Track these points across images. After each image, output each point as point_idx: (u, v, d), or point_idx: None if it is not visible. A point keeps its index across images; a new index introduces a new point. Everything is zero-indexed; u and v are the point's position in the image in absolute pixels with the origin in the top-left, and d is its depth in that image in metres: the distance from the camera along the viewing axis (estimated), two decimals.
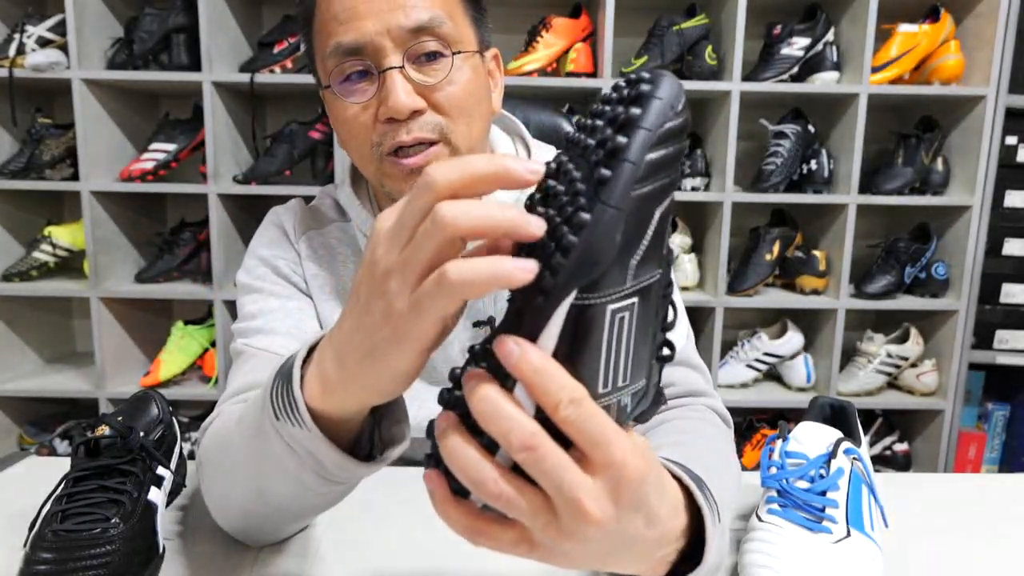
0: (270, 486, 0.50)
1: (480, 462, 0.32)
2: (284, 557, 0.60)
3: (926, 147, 1.86)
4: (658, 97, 0.32)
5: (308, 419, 0.43)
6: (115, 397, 1.82)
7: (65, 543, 0.52)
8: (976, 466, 2.06)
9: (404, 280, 0.33)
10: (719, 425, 0.69)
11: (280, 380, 0.45)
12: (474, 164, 0.32)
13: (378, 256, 0.35)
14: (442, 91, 0.65)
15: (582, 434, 0.32)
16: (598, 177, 0.31)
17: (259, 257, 0.77)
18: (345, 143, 0.70)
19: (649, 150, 0.31)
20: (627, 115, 0.31)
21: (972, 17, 1.84)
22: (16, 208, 1.91)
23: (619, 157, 0.31)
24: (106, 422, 0.60)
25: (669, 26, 1.80)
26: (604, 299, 0.32)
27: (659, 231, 0.33)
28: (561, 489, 0.32)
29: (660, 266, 0.34)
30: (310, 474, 0.46)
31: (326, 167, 1.84)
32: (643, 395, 0.36)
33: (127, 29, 1.77)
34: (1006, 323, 1.94)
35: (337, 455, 0.44)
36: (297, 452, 0.45)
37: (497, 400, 0.31)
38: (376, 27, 0.62)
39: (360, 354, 0.37)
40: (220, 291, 1.79)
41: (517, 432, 0.31)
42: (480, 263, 0.30)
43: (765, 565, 0.53)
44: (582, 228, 0.30)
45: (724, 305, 1.85)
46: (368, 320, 0.36)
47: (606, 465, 0.32)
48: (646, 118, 0.31)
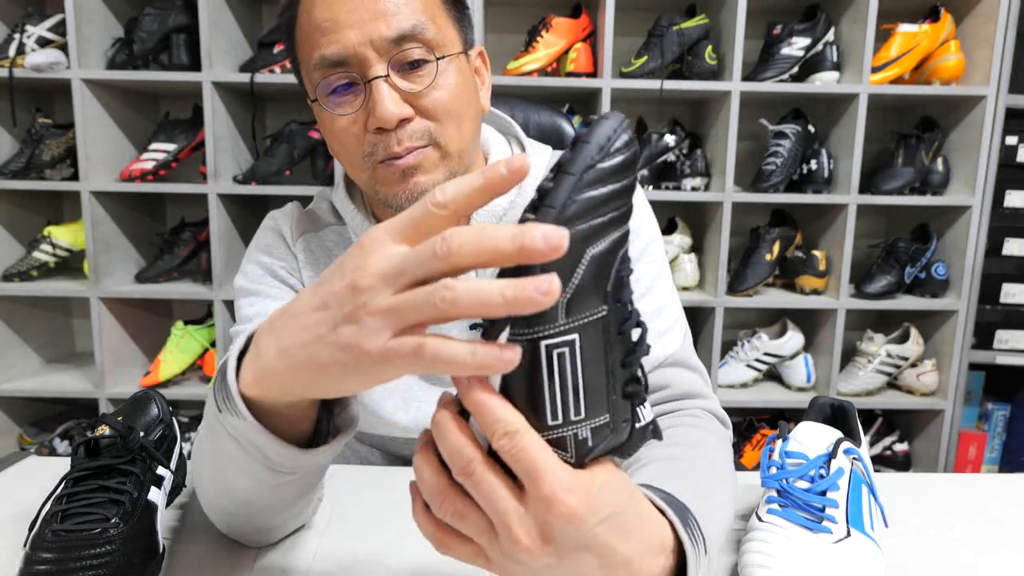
0: (231, 481, 0.50)
1: (433, 481, 0.36)
2: (284, 557, 0.60)
3: (926, 147, 1.86)
4: (586, 141, 0.33)
5: (243, 409, 0.43)
6: (115, 397, 1.82)
7: (65, 543, 0.52)
8: (976, 466, 2.06)
9: (385, 325, 0.33)
10: (717, 430, 0.69)
11: (219, 373, 0.45)
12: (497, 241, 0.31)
13: (364, 283, 0.34)
14: (428, 97, 0.65)
15: (517, 465, 0.34)
16: (522, 220, 0.32)
17: (256, 261, 0.77)
18: (336, 153, 0.70)
19: (573, 193, 0.32)
20: (559, 159, 0.33)
21: (972, 17, 1.84)
22: (16, 208, 1.91)
23: (543, 201, 0.33)
24: (106, 422, 0.60)
25: (669, 26, 1.80)
26: (534, 335, 0.33)
27: (596, 271, 0.33)
28: (495, 513, 0.35)
29: (606, 303, 0.34)
30: (258, 465, 0.46)
31: (326, 167, 1.84)
32: (610, 430, 0.36)
33: (127, 29, 1.77)
34: (1006, 323, 1.94)
35: (277, 444, 0.44)
36: (242, 444, 0.45)
37: (444, 426, 0.35)
38: (359, 38, 0.62)
39: (311, 362, 0.37)
40: (220, 291, 1.79)
41: (456, 458, 0.35)
42: (461, 350, 0.32)
43: (765, 565, 0.53)
44: (504, 271, 0.32)
45: (724, 305, 1.85)
46: (331, 338, 0.35)
47: (535, 498, 0.34)
48: (572, 162, 0.33)
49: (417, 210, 0.34)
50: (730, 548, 0.62)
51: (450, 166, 0.68)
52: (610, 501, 0.36)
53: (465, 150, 0.69)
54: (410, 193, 0.66)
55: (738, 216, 2.01)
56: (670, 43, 1.80)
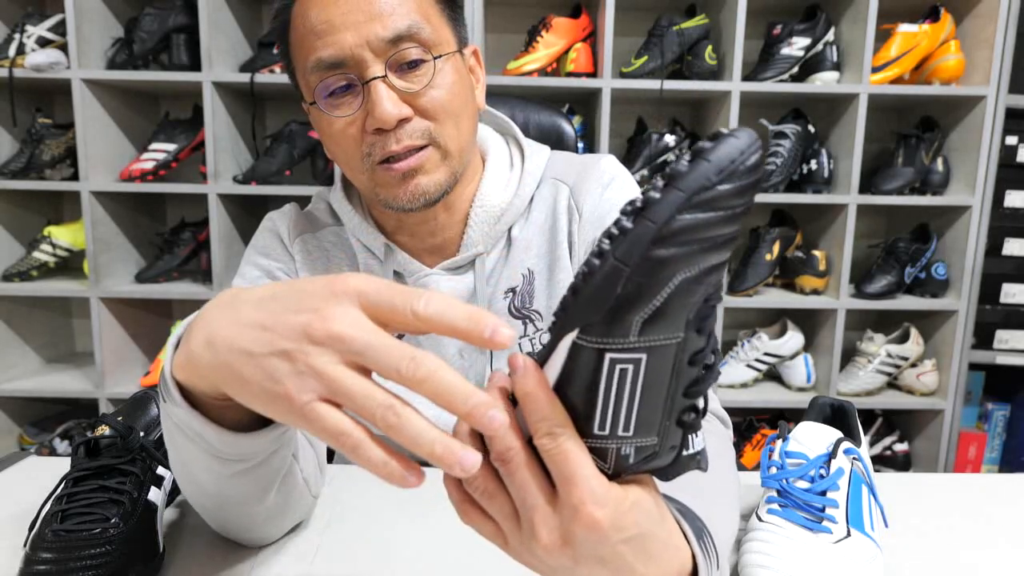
0: (194, 475, 0.50)
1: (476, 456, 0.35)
2: (284, 557, 0.60)
3: (926, 147, 1.86)
4: (707, 159, 0.30)
5: (176, 394, 0.42)
6: (115, 397, 1.82)
7: (65, 543, 0.52)
8: (976, 466, 2.06)
9: (318, 388, 0.34)
10: (717, 430, 0.69)
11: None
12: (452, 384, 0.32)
13: (317, 335, 0.34)
14: (426, 96, 0.65)
15: (554, 466, 0.34)
16: (619, 227, 0.31)
17: (254, 263, 0.77)
18: (334, 155, 0.70)
19: (678, 212, 0.30)
20: (672, 169, 0.30)
21: (972, 17, 1.84)
22: (16, 208, 1.91)
23: (643, 213, 0.30)
24: (106, 422, 0.60)
25: (669, 26, 1.80)
26: (602, 345, 0.32)
27: (680, 296, 0.31)
28: (523, 505, 0.35)
29: (685, 330, 0.33)
30: (205, 455, 0.46)
31: (326, 167, 1.84)
32: (654, 453, 0.35)
33: (127, 29, 1.77)
34: (1006, 323, 1.94)
35: (214, 429, 0.43)
36: (187, 433, 0.45)
37: (491, 410, 0.33)
38: (355, 39, 0.62)
39: (234, 370, 0.36)
40: (220, 291, 1.79)
41: (497, 442, 0.34)
42: (380, 461, 0.33)
43: (765, 565, 0.53)
44: (589, 274, 0.31)
45: (724, 305, 1.85)
46: (263, 362, 0.35)
47: (565, 502, 0.34)
48: (685, 178, 0.30)
49: (399, 300, 0.34)
50: (730, 548, 0.62)
51: (451, 165, 0.68)
52: (638, 521, 0.36)
53: (464, 148, 0.69)
54: (411, 195, 0.66)
55: None
56: (670, 43, 1.80)
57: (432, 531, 0.64)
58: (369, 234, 0.75)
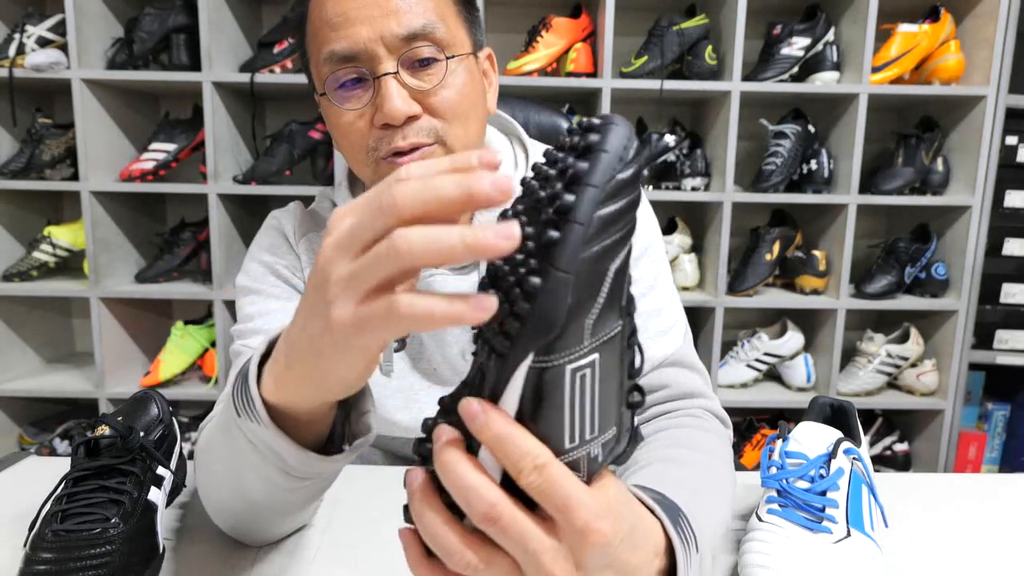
0: (245, 483, 0.50)
1: (447, 533, 0.33)
2: (284, 557, 0.60)
3: (926, 147, 1.86)
4: (604, 150, 0.30)
5: (264, 415, 0.42)
6: (115, 397, 1.82)
7: (65, 543, 0.52)
8: (976, 466, 2.06)
9: (348, 294, 0.32)
10: (717, 429, 0.69)
11: (240, 377, 0.45)
12: (440, 189, 0.30)
13: (323, 259, 0.33)
14: (437, 95, 0.65)
15: (548, 500, 0.32)
16: (547, 240, 0.30)
17: (259, 260, 0.77)
18: (341, 148, 0.70)
19: (598, 207, 0.30)
20: (575, 169, 0.30)
21: (972, 17, 1.84)
22: (16, 208, 1.91)
23: (567, 217, 0.30)
24: (106, 422, 0.60)
25: (669, 26, 1.80)
26: (562, 360, 0.32)
27: (615, 286, 0.32)
28: (526, 554, 0.32)
29: (621, 317, 0.33)
30: (275, 470, 0.46)
31: (326, 167, 1.84)
32: (616, 443, 0.36)
33: (127, 29, 1.77)
34: (1006, 323, 1.94)
35: (296, 450, 0.44)
36: (260, 449, 0.45)
37: (458, 468, 0.31)
38: (369, 34, 0.62)
39: (306, 356, 0.37)
40: (220, 291, 1.79)
41: (477, 504, 0.31)
42: (435, 301, 0.30)
43: (765, 565, 0.53)
44: (533, 294, 0.30)
45: (724, 305, 1.85)
46: (312, 324, 0.35)
47: (571, 531, 0.33)
48: (593, 174, 0.30)
49: (377, 187, 0.33)
50: (730, 548, 0.62)
51: None
52: (626, 515, 0.36)
53: (470, 150, 0.69)
54: None
55: (738, 216, 2.01)
56: (670, 43, 1.80)
57: None
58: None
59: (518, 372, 0.32)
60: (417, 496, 0.34)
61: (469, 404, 0.32)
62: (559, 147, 0.33)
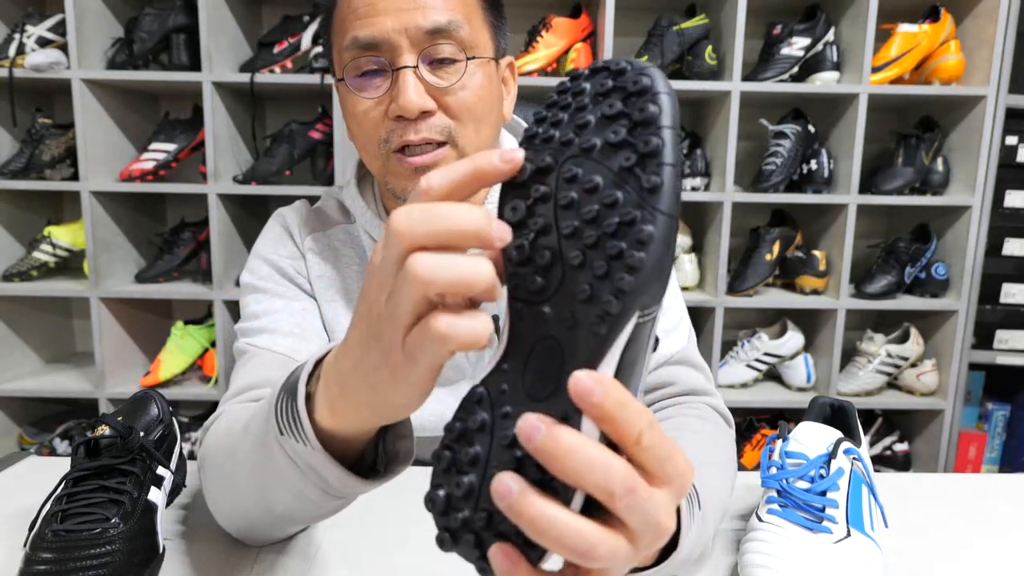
0: (274, 496, 0.50)
1: (581, 524, 0.28)
2: (284, 557, 0.60)
3: (926, 147, 1.86)
4: (666, 92, 0.30)
5: (313, 438, 0.42)
6: (115, 397, 1.82)
7: (65, 543, 0.52)
8: (976, 466, 2.06)
9: (394, 329, 0.32)
10: (719, 424, 0.69)
11: (285, 395, 0.44)
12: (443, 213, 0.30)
13: (372, 296, 0.33)
14: (453, 95, 0.65)
15: (659, 451, 0.30)
16: (649, 185, 0.28)
17: (263, 258, 0.77)
18: (354, 136, 0.70)
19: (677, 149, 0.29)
20: (644, 112, 0.29)
21: (972, 17, 1.84)
22: (16, 208, 1.91)
23: (660, 160, 0.28)
24: (106, 422, 0.60)
25: (669, 26, 1.80)
26: (654, 312, 0.30)
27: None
28: (649, 517, 0.29)
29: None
30: (313, 489, 0.46)
31: (326, 167, 1.84)
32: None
33: (127, 29, 1.77)
34: (1006, 323, 1.94)
35: (341, 472, 0.43)
36: (300, 467, 0.45)
37: (590, 448, 0.28)
38: (394, 24, 0.63)
39: (362, 387, 0.36)
40: (220, 291, 1.79)
41: (617, 477, 0.28)
42: (466, 321, 0.30)
43: (765, 565, 0.53)
44: (647, 242, 0.28)
45: (724, 305, 1.85)
46: (368, 359, 0.35)
47: (677, 474, 0.30)
48: (665, 115, 0.29)
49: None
50: (730, 548, 0.62)
51: None
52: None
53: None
54: None
55: (738, 216, 2.01)
56: (670, 43, 1.80)
57: (432, 531, 0.64)
58: (382, 230, 0.75)
59: (624, 331, 0.29)
60: (518, 495, 0.29)
61: (580, 379, 0.28)
62: (595, 94, 0.31)
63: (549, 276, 0.31)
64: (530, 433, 0.28)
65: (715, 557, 0.60)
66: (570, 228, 0.30)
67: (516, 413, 0.31)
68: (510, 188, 0.33)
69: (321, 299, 0.76)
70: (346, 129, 0.72)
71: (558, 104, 0.32)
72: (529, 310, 0.31)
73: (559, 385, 0.30)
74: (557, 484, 0.29)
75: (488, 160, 0.32)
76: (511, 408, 0.31)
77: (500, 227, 0.30)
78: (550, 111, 0.33)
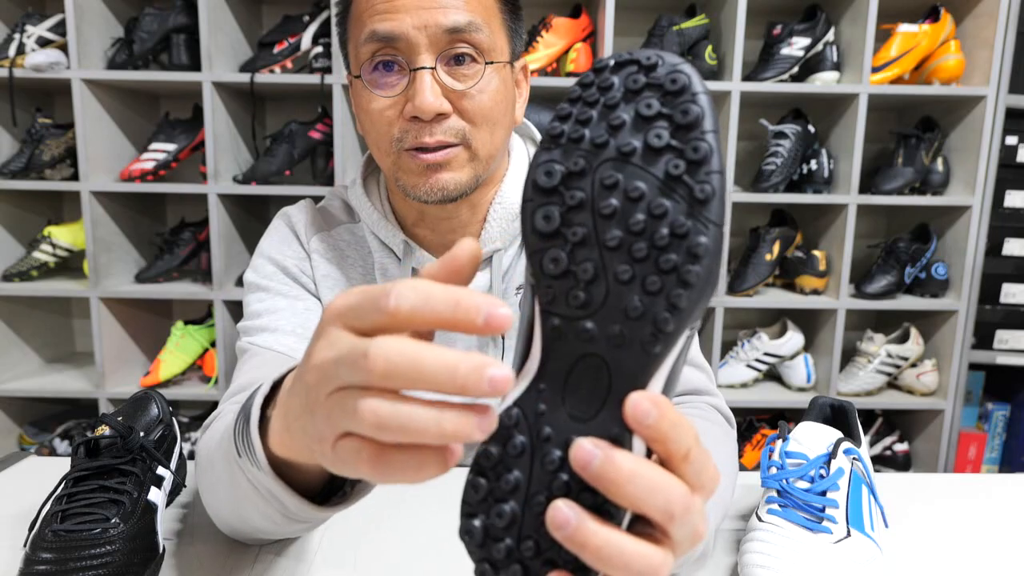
0: (245, 512, 0.50)
1: (644, 548, 0.28)
2: (284, 557, 0.60)
3: (926, 147, 1.86)
4: (705, 92, 0.28)
5: (265, 464, 0.41)
6: (115, 397, 1.82)
7: (65, 543, 0.52)
8: (976, 466, 2.06)
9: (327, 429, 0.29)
10: (722, 424, 0.69)
11: (242, 418, 0.43)
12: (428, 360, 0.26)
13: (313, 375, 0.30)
14: (470, 98, 0.65)
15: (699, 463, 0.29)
16: (703, 195, 0.27)
17: (268, 257, 0.77)
18: (366, 132, 0.70)
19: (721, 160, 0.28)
20: (688, 115, 0.27)
21: (972, 17, 1.84)
22: (16, 208, 1.91)
23: (710, 168, 0.27)
24: (106, 422, 0.60)
25: (669, 26, 1.80)
26: (699, 324, 0.29)
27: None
28: (693, 528, 0.29)
29: None
30: (275, 511, 0.46)
31: (326, 167, 1.84)
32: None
33: (127, 29, 1.77)
34: (1006, 323, 1.94)
35: (296, 499, 0.42)
36: (260, 491, 0.45)
37: (652, 470, 0.27)
38: (414, 21, 0.62)
39: (303, 439, 0.33)
40: (220, 291, 1.79)
41: (679, 500, 0.28)
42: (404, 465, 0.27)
43: (765, 565, 0.53)
44: (702, 256, 0.27)
45: (724, 305, 1.85)
46: (305, 422, 0.32)
47: (710, 481, 0.30)
48: (709, 118, 0.27)
49: (367, 306, 0.28)
50: (730, 548, 0.62)
51: (476, 169, 0.68)
52: None
53: (493, 156, 0.69)
54: (431, 188, 0.67)
55: (738, 216, 2.01)
56: (670, 43, 1.80)
57: (432, 531, 0.64)
58: (388, 230, 0.75)
59: (676, 348, 0.28)
60: (578, 524, 0.27)
61: (638, 403, 0.27)
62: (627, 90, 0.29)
63: (592, 291, 0.29)
64: (586, 459, 0.27)
65: (715, 557, 0.60)
66: (615, 240, 0.28)
67: (559, 435, 0.29)
68: (539, 192, 0.30)
69: (326, 299, 0.76)
70: (358, 124, 0.71)
71: (583, 99, 0.30)
72: (569, 326, 0.29)
73: (605, 404, 0.28)
74: (610, 506, 0.28)
75: (471, 318, 0.27)
76: (551, 430, 0.29)
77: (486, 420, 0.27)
78: (575, 107, 0.30)
